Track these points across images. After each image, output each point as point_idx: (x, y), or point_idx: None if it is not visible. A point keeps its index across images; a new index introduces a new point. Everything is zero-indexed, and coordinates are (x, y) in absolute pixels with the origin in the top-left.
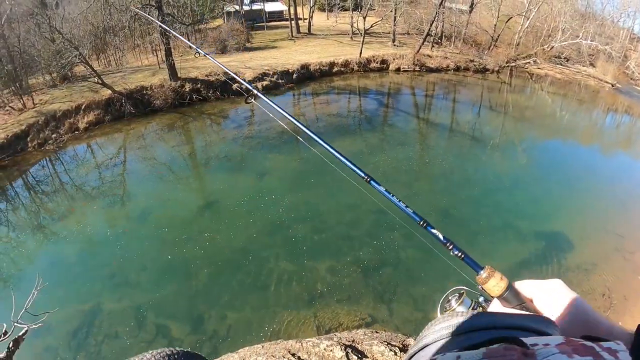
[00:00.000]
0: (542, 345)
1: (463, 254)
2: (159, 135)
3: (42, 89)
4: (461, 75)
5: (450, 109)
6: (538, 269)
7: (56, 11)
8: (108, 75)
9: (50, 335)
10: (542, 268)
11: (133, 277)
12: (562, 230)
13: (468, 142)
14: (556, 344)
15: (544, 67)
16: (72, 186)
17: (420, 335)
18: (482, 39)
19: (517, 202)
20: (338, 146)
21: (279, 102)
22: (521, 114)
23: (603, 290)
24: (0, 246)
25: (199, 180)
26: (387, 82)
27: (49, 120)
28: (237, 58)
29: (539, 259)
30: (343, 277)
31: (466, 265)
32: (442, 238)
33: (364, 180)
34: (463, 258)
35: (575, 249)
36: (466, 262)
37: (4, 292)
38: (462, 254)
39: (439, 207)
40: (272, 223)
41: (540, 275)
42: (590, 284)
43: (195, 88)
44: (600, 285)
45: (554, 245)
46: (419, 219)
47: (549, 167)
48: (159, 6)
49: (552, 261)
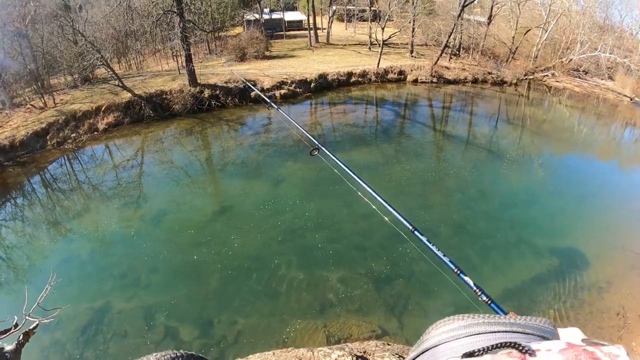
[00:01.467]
0: (545, 351)
1: (490, 300)
2: (176, 139)
3: (63, 89)
4: (479, 88)
5: (467, 121)
6: (552, 287)
7: (79, 14)
8: (128, 79)
9: (59, 330)
10: (556, 286)
11: (144, 278)
12: (577, 247)
13: (484, 155)
14: (559, 350)
15: (562, 80)
16: (88, 185)
17: (420, 339)
18: (500, 51)
19: (532, 217)
20: (354, 156)
21: (297, 110)
22: (538, 127)
23: (618, 309)
24: (16, 240)
25: (215, 186)
26: (404, 93)
27: (69, 119)
28: (256, 66)
29: (554, 276)
30: (355, 287)
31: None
32: (473, 285)
33: (410, 230)
34: (490, 304)
35: (591, 267)
36: (492, 307)
37: (17, 285)
38: (489, 300)
39: (454, 221)
40: (285, 230)
41: (554, 293)
42: (605, 302)
43: (214, 94)
44: (615, 304)
45: (569, 263)
46: (454, 267)
47: (565, 182)
48: (180, 13)
49: (567, 279)
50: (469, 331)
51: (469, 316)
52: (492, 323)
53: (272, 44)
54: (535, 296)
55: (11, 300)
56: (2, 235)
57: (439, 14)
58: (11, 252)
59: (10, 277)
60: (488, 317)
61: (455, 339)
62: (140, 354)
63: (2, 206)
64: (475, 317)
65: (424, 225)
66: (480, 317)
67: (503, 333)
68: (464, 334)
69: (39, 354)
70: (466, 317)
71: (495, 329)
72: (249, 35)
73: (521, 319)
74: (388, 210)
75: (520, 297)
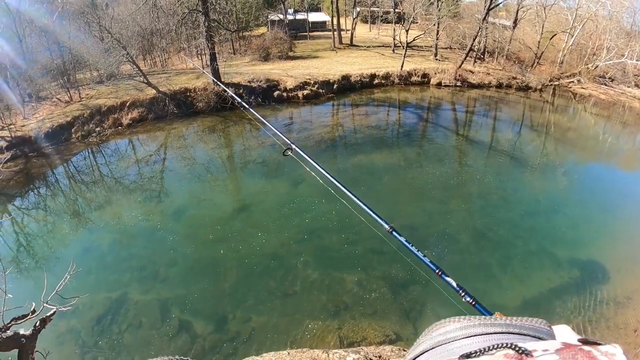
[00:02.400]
0: (542, 351)
1: (474, 300)
2: (199, 136)
3: (89, 84)
4: (503, 93)
5: (491, 126)
6: (571, 299)
7: (106, 11)
8: (153, 76)
9: (76, 317)
10: (574, 298)
11: (163, 271)
12: (598, 260)
13: (507, 161)
14: (555, 349)
15: (588, 86)
16: (111, 178)
17: (417, 342)
18: (525, 56)
19: (554, 227)
20: (375, 158)
21: (319, 111)
22: (563, 134)
23: (635, 325)
24: (37, 229)
25: (235, 183)
26: (427, 97)
27: (93, 114)
28: (280, 66)
29: (573, 288)
30: (371, 291)
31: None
32: (456, 286)
33: (388, 231)
34: (474, 304)
35: (611, 280)
36: (477, 308)
37: (37, 272)
38: (473, 301)
39: (475, 228)
40: (303, 230)
41: (572, 305)
42: (623, 318)
43: (238, 93)
44: (633, 320)
45: (588, 275)
46: (435, 267)
47: (589, 192)
48: (205, 12)
49: (586, 291)
50: (466, 333)
51: (465, 318)
52: (488, 324)
53: (295, 45)
54: (552, 308)
55: (30, 287)
56: (25, 223)
57: (464, 16)
58: (33, 240)
59: (31, 264)
60: (484, 318)
61: (452, 341)
62: (154, 346)
63: (26, 195)
64: (471, 318)
65: (444, 231)
66: (477, 319)
67: (500, 334)
68: (460, 336)
69: (54, 340)
70: (462, 318)
71: (492, 330)
72: (273, 36)
73: (517, 319)
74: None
75: (538, 308)
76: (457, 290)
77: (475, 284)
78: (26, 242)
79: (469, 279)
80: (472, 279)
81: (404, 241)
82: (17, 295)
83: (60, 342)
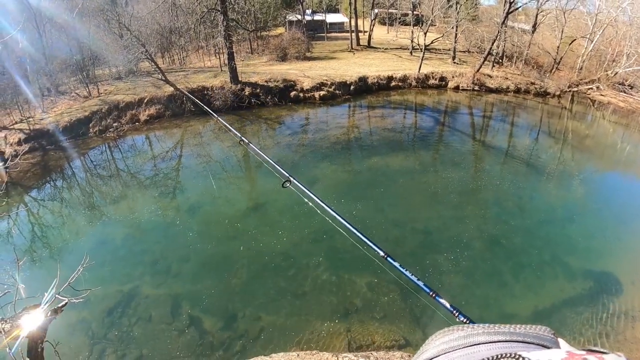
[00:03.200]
0: None
1: (468, 320)
2: (215, 134)
3: (107, 80)
4: (521, 98)
5: (508, 132)
6: (583, 311)
7: (125, 9)
8: (171, 73)
9: (87, 309)
10: (587, 310)
11: (175, 267)
12: (613, 271)
13: (524, 168)
14: (560, 359)
15: (607, 93)
16: (127, 173)
17: (421, 349)
18: (544, 61)
19: (569, 237)
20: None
21: (335, 112)
22: (580, 142)
23: None
24: (52, 220)
25: (250, 182)
26: (444, 100)
27: (111, 109)
28: (297, 67)
29: (585, 299)
30: (381, 295)
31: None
32: (450, 307)
33: (382, 257)
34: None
35: (625, 293)
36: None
37: (50, 263)
38: (467, 320)
39: (489, 234)
40: (316, 231)
41: (583, 318)
42: (636, 332)
43: (255, 92)
44: None
45: (602, 287)
46: (429, 290)
47: (605, 202)
48: (224, 11)
49: (599, 303)
50: (469, 341)
51: (469, 326)
52: (492, 333)
53: (313, 45)
54: (564, 319)
55: (43, 277)
56: (40, 215)
57: (483, 20)
58: (47, 231)
59: (45, 255)
60: (488, 326)
61: (455, 350)
62: (163, 340)
63: (42, 187)
64: (475, 327)
65: (458, 237)
66: (480, 327)
67: (503, 343)
68: (464, 344)
69: (64, 329)
70: (466, 327)
71: (496, 338)
72: (291, 36)
73: (521, 327)
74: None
75: (549, 319)
76: (451, 311)
77: (488, 292)
78: (41, 233)
79: (481, 287)
80: (484, 286)
81: (399, 266)
82: (29, 285)
83: (70, 333)
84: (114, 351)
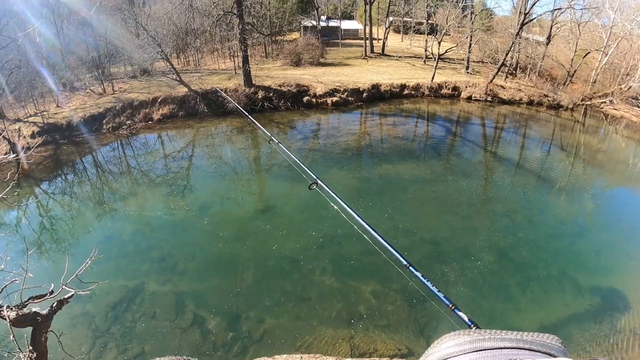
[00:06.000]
0: None
1: None
2: (227, 136)
3: (122, 78)
4: (534, 110)
5: (520, 144)
6: (588, 327)
7: (142, 9)
8: (186, 74)
9: (91, 302)
10: (592, 326)
11: (181, 265)
12: (620, 288)
13: (534, 181)
14: None
15: (620, 107)
16: (138, 171)
17: (426, 353)
18: (557, 73)
19: (578, 252)
20: (401, 170)
21: (347, 119)
22: (592, 157)
23: None
24: (62, 213)
25: (259, 185)
26: (457, 110)
27: (125, 107)
28: (310, 72)
29: (591, 316)
30: (386, 303)
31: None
32: (468, 320)
33: (405, 266)
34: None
35: (632, 311)
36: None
37: (58, 255)
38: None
39: (497, 247)
40: (323, 236)
41: (589, 334)
42: None
43: (268, 96)
44: None
45: (609, 304)
46: (449, 302)
47: (615, 218)
48: (240, 15)
49: (605, 320)
50: (475, 347)
51: (475, 331)
52: (498, 339)
53: (327, 52)
54: (570, 335)
55: (50, 269)
56: (50, 207)
57: (497, 30)
58: (56, 224)
59: (53, 247)
60: (495, 332)
61: (460, 354)
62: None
63: (53, 180)
64: (481, 332)
65: (466, 248)
66: (487, 333)
67: (509, 349)
68: (469, 349)
69: (68, 321)
70: (473, 332)
71: (501, 344)
72: (305, 41)
73: (529, 335)
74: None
75: (554, 334)
76: (469, 325)
77: (494, 304)
78: (50, 225)
79: (487, 299)
80: (490, 299)
81: (421, 276)
82: (36, 276)
83: (74, 325)
84: (116, 345)
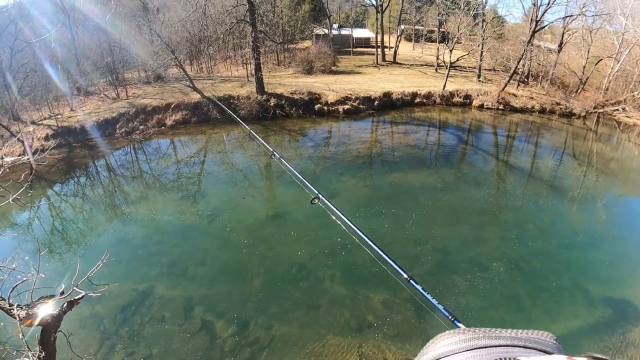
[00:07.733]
0: None
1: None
2: (239, 143)
3: (136, 83)
4: (546, 118)
5: (532, 153)
6: (599, 339)
7: (156, 16)
8: (199, 81)
9: (101, 304)
10: (604, 338)
11: (191, 270)
12: (632, 300)
13: (546, 190)
14: None
15: (633, 115)
16: (150, 175)
17: (421, 351)
18: (569, 81)
19: (590, 262)
20: (411, 178)
21: (358, 126)
22: (605, 165)
23: None
24: (74, 215)
25: (270, 191)
26: (468, 118)
27: (138, 112)
28: (322, 80)
29: (603, 327)
30: (396, 312)
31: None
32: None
33: (406, 279)
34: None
35: None
36: None
37: (69, 256)
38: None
39: (508, 257)
40: (333, 244)
41: (599, 346)
42: None
43: (280, 104)
44: None
45: (621, 315)
46: (448, 314)
47: (628, 228)
48: (253, 23)
49: (616, 332)
50: (470, 345)
51: (470, 330)
52: (493, 337)
53: (339, 60)
54: (580, 346)
55: (62, 270)
56: (62, 209)
57: (509, 38)
58: (68, 226)
59: (64, 248)
60: (490, 331)
61: (456, 353)
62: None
63: (66, 182)
64: (476, 331)
65: (477, 258)
66: (482, 331)
67: (504, 347)
68: (464, 348)
69: (77, 322)
70: (467, 330)
71: (496, 343)
72: (317, 50)
73: (523, 332)
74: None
75: (564, 345)
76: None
77: (504, 315)
78: (61, 226)
79: (498, 309)
80: (501, 309)
81: (421, 289)
82: (47, 276)
83: (82, 326)
84: (123, 348)
